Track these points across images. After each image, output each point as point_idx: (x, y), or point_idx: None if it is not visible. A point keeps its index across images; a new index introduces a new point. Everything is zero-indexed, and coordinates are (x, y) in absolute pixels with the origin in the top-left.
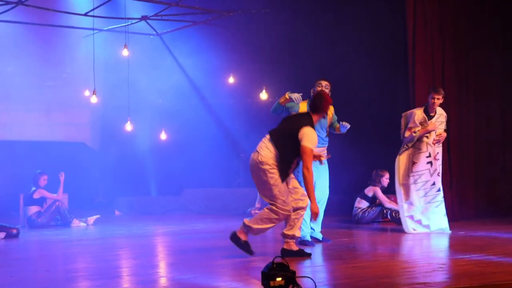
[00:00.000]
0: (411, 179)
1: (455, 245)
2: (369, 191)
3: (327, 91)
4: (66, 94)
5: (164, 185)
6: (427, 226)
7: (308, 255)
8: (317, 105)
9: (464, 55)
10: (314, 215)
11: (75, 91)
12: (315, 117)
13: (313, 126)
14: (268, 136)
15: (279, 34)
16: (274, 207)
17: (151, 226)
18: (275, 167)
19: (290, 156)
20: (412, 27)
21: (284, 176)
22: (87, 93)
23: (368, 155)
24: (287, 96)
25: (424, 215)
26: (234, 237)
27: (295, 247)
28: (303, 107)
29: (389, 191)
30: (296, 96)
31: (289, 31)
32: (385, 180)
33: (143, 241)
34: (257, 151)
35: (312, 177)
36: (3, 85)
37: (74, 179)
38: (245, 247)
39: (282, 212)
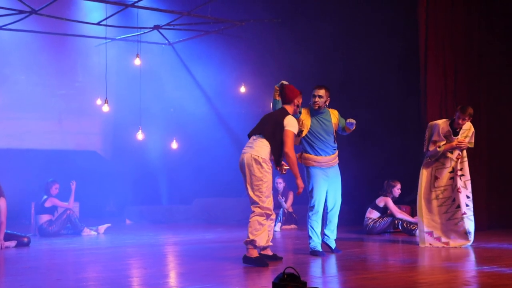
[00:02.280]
0: (433, 194)
1: (466, 256)
2: (380, 201)
3: (322, 100)
4: (78, 103)
5: (175, 194)
6: (446, 243)
7: (266, 264)
8: (284, 97)
9: (477, 62)
10: (300, 190)
11: (87, 100)
12: (288, 108)
13: (292, 115)
14: (254, 136)
15: (291, 43)
16: (258, 208)
17: (162, 235)
18: (268, 161)
19: (281, 145)
20: (424, 37)
21: (278, 163)
22: (99, 102)
23: (380, 165)
24: (277, 88)
25: (444, 232)
26: (246, 259)
27: (255, 254)
28: (305, 113)
29: (401, 201)
30: (282, 82)
31: (301, 41)
32: (397, 191)
33: (153, 250)
34: (247, 151)
35: (294, 156)
36: (16, 93)
37: (85, 188)
38: (259, 262)
39: (266, 211)
